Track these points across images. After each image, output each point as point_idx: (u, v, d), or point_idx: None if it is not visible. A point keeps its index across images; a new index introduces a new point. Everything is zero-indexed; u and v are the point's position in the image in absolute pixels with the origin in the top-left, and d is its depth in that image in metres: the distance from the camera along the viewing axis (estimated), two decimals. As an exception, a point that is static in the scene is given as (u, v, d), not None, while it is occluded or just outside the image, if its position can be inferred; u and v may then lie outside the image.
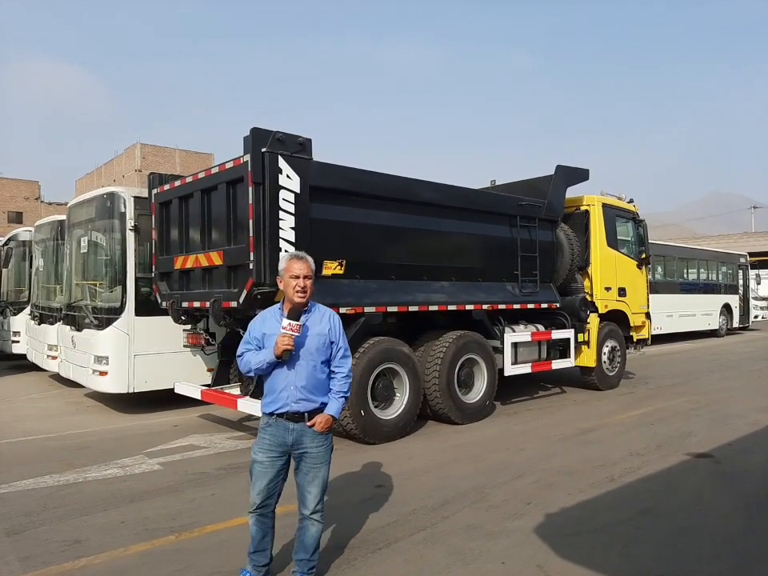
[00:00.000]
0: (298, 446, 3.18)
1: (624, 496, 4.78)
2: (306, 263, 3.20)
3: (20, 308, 12.11)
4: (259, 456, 3.18)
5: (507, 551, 3.77)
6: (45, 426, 7.39)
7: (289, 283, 3.16)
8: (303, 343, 3.14)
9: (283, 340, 3.03)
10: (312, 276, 3.20)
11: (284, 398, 3.15)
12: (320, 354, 3.20)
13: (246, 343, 3.28)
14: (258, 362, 3.14)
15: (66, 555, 3.75)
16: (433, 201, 7.28)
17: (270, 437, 3.18)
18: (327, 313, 3.33)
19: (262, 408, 3.26)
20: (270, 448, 3.17)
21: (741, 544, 3.91)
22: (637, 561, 3.65)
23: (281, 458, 3.19)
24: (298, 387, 3.14)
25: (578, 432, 6.94)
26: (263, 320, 3.28)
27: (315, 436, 3.18)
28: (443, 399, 7.08)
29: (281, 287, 3.23)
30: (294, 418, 3.16)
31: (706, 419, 7.56)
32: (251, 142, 5.70)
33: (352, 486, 5.06)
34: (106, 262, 8.11)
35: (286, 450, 3.18)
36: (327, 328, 3.25)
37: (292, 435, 3.16)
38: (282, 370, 3.15)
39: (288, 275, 3.17)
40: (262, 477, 3.17)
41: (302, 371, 3.16)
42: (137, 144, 45.75)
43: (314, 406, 3.18)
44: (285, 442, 3.16)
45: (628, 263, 10.20)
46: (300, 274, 3.14)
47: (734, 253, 23.29)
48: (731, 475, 5.32)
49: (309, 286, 3.16)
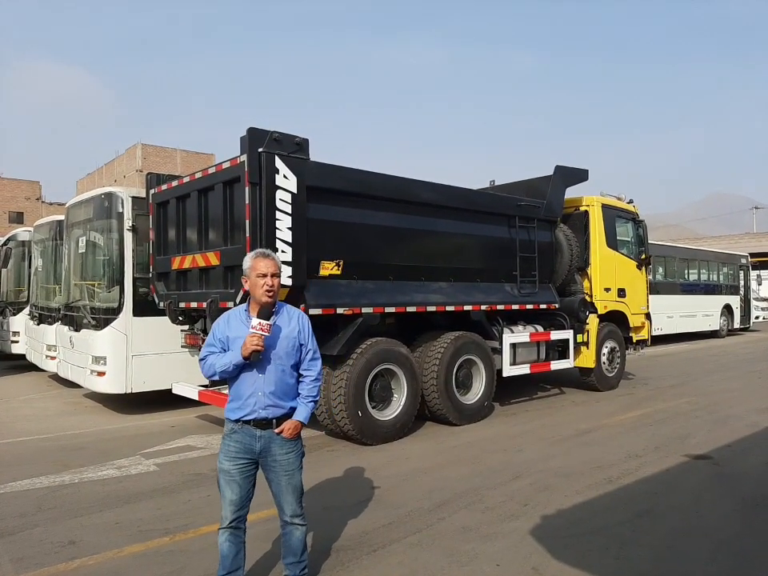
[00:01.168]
0: (266, 453, 3.02)
1: (621, 498, 4.76)
2: (273, 261, 3.03)
3: (19, 308, 12.11)
4: (226, 465, 3.01)
5: (503, 553, 3.75)
6: (42, 426, 7.38)
7: (256, 283, 2.98)
8: (272, 346, 2.98)
9: (252, 340, 2.85)
10: (279, 274, 3.05)
11: (251, 404, 2.98)
12: (289, 358, 3.05)
13: (210, 346, 3.08)
14: (224, 364, 2.95)
15: (59, 556, 3.74)
16: (431, 201, 7.26)
17: (236, 444, 3.01)
18: (296, 314, 3.17)
19: (227, 414, 3.07)
20: (237, 456, 3.00)
21: (738, 546, 3.89)
22: (633, 563, 3.63)
23: (249, 465, 3.03)
24: (266, 393, 2.98)
25: (577, 433, 6.91)
26: (228, 321, 3.09)
27: (284, 443, 3.03)
28: (441, 400, 7.06)
29: (246, 287, 3.06)
30: (261, 425, 3.00)
31: (706, 420, 7.54)
32: (248, 142, 5.68)
33: (348, 487, 5.04)
34: (104, 262, 8.10)
35: (253, 458, 3.03)
36: (297, 330, 3.09)
37: (259, 442, 3.00)
38: (249, 374, 2.99)
39: (254, 274, 2.99)
40: (231, 487, 3.00)
41: (271, 376, 3.00)
42: (138, 144, 45.76)
43: (282, 411, 3.04)
44: (252, 449, 3.00)
45: (628, 264, 10.18)
46: (267, 272, 2.97)
47: (735, 253, 23.26)
48: (730, 477, 5.30)
49: (276, 285, 3.00)
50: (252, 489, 3.08)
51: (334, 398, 6.22)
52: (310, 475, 5.28)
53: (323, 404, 6.35)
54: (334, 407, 6.23)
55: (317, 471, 5.45)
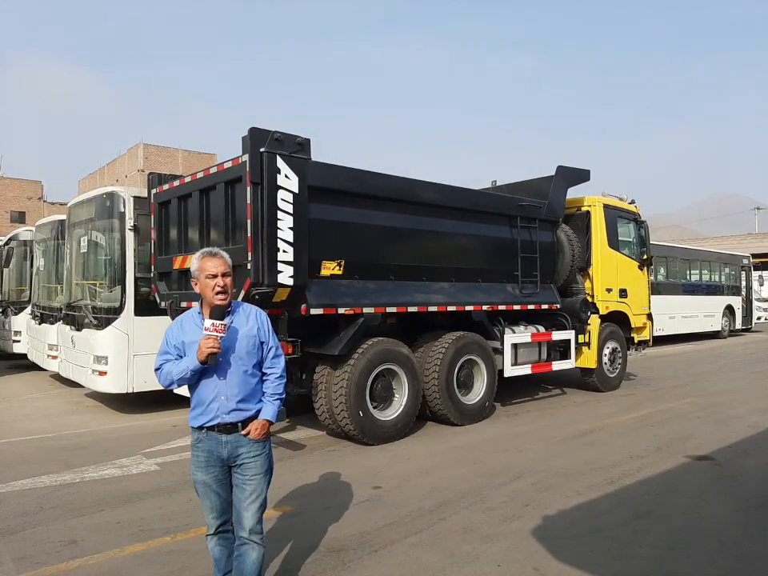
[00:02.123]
0: (235, 457, 2.86)
1: (623, 498, 4.75)
2: (222, 259, 2.86)
3: (21, 307, 12.12)
4: (199, 476, 2.88)
5: (504, 554, 3.74)
6: (43, 425, 7.39)
7: (206, 284, 2.80)
8: (231, 347, 2.83)
9: (207, 342, 2.69)
10: (230, 273, 2.87)
11: (214, 409, 2.82)
12: (251, 357, 2.89)
13: (164, 354, 2.90)
14: (181, 371, 2.78)
15: (60, 556, 3.75)
16: (432, 201, 7.26)
17: (204, 453, 2.86)
18: (253, 311, 3.00)
19: (190, 422, 2.92)
20: (208, 465, 2.86)
21: (739, 547, 3.88)
22: (634, 563, 3.63)
23: (222, 471, 2.89)
24: (229, 397, 2.83)
25: (578, 434, 6.91)
26: (181, 326, 2.92)
27: (252, 445, 2.87)
28: (442, 400, 7.06)
29: (196, 290, 2.88)
30: (226, 430, 2.84)
31: (707, 421, 7.53)
32: (249, 142, 5.68)
33: (349, 487, 5.04)
34: (106, 261, 8.11)
35: (224, 464, 2.88)
36: (255, 328, 2.93)
37: (226, 448, 2.84)
38: (210, 378, 2.82)
39: (203, 275, 2.81)
40: (210, 496, 2.88)
41: (233, 378, 2.84)
42: (140, 144, 45.79)
43: (247, 414, 2.88)
44: (220, 455, 2.85)
45: (629, 264, 10.17)
46: (217, 272, 2.80)
47: (737, 254, 23.22)
48: (731, 478, 5.29)
49: (229, 285, 2.83)
50: (231, 494, 2.94)
51: (335, 397, 6.21)
52: (311, 475, 5.32)
53: (324, 404, 6.35)
54: (335, 407, 6.23)
55: (318, 471, 5.46)
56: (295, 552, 3.77)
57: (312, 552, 3.77)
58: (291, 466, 5.63)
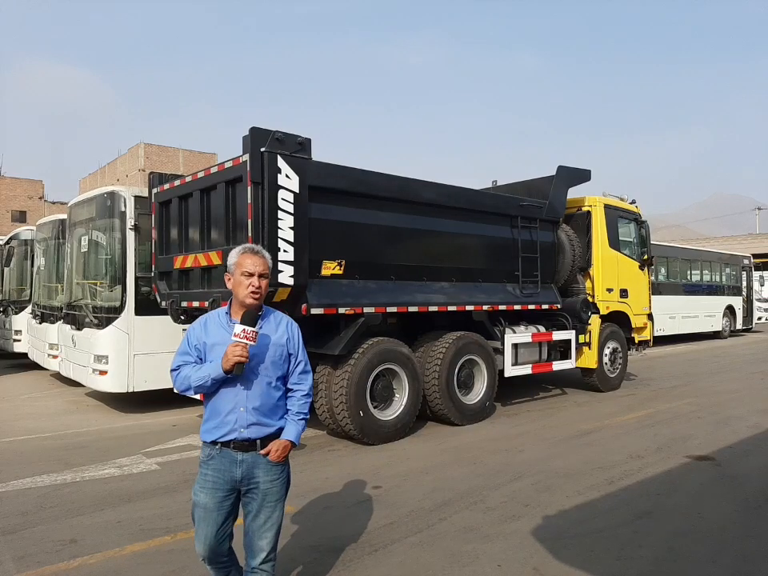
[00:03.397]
0: (249, 480, 2.62)
1: (623, 498, 4.75)
2: (263, 259, 2.67)
3: (22, 307, 12.14)
4: (202, 498, 2.60)
5: (504, 554, 3.74)
6: (44, 424, 7.39)
7: (240, 282, 2.62)
8: (258, 355, 2.60)
9: (235, 350, 2.47)
10: (268, 275, 2.68)
11: (231, 421, 2.58)
12: (276, 369, 2.67)
13: (184, 354, 2.67)
14: (201, 378, 2.55)
15: (60, 555, 3.74)
16: (433, 201, 7.25)
17: (214, 472, 2.60)
18: (284, 320, 2.78)
19: (202, 436, 2.67)
20: (216, 487, 2.59)
21: (739, 547, 3.87)
22: (633, 564, 3.62)
23: (229, 497, 2.63)
24: (249, 409, 2.59)
25: (578, 434, 6.90)
26: (204, 326, 2.69)
27: (270, 468, 2.64)
28: (443, 400, 7.06)
29: (228, 286, 2.71)
30: (243, 447, 2.59)
31: (708, 421, 7.52)
32: (250, 142, 5.68)
33: (349, 486, 5.04)
34: (107, 261, 8.12)
35: (234, 487, 2.62)
36: (285, 338, 2.71)
37: (241, 468, 2.59)
38: (231, 387, 2.59)
39: (240, 272, 2.63)
40: (208, 523, 2.59)
41: (256, 389, 2.60)
42: (140, 144, 45.84)
43: (268, 431, 2.64)
44: (233, 477, 2.59)
45: (630, 264, 10.16)
46: (255, 272, 2.62)
47: (738, 254, 23.22)
48: (731, 478, 5.28)
49: (264, 287, 2.65)
50: (232, 524, 2.69)
51: (335, 397, 6.21)
52: (311, 475, 5.31)
53: (325, 403, 6.35)
54: (335, 407, 6.23)
55: (318, 471, 5.46)
56: (295, 551, 3.77)
57: (312, 551, 3.77)
58: (291, 466, 5.61)
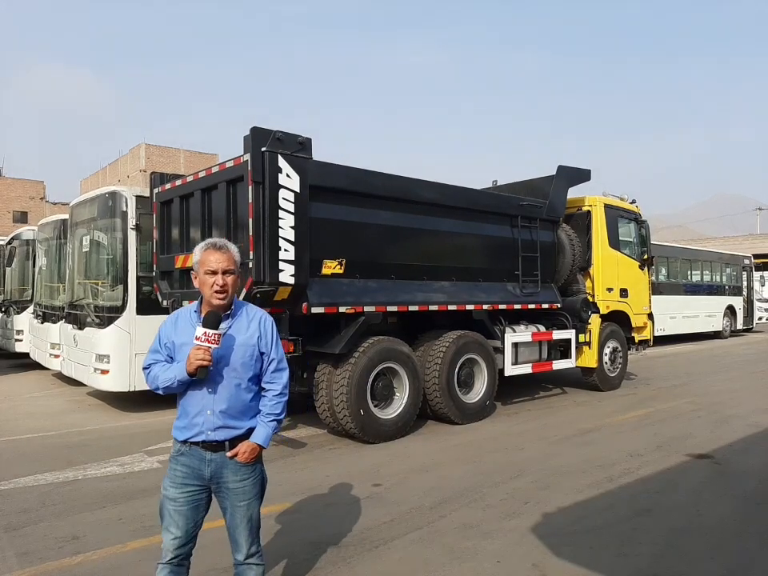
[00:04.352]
0: (218, 479, 2.55)
1: (622, 496, 4.77)
2: (227, 254, 2.51)
3: (23, 307, 12.17)
4: (171, 492, 2.53)
5: (503, 550, 3.76)
6: (46, 423, 7.42)
7: (205, 281, 2.48)
8: (225, 357, 2.48)
9: (197, 354, 2.36)
10: (236, 271, 2.54)
11: (199, 424, 2.50)
12: (246, 370, 2.54)
13: (154, 353, 2.58)
14: (168, 379, 2.46)
15: (63, 551, 3.77)
16: (433, 201, 7.27)
17: (183, 468, 2.54)
18: (258, 316, 2.62)
19: (173, 433, 2.61)
20: (185, 482, 2.53)
21: (738, 545, 3.89)
22: (633, 560, 3.64)
23: (200, 492, 2.56)
24: (216, 412, 2.50)
25: (578, 432, 6.92)
26: (175, 324, 2.59)
27: (238, 468, 2.55)
28: (443, 399, 7.08)
29: (196, 285, 2.57)
30: (212, 447, 2.52)
31: (707, 420, 7.54)
32: (251, 141, 5.71)
33: (349, 484, 5.06)
34: (108, 260, 8.14)
35: (204, 484, 2.56)
36: (257, 336, 2.56)
37: (210, 467, 2.53)
38: (198, 390, 2.50)
39: (203, 270, 2.49)
40: (177, 518, 2.51)
41: (223, 392, 2.50)
42: (141, 144, 45.88)
43: (237, 433, 2.55)
44: (202, 474, 2.53)
45: (630, 264, 10.18)
46: (218, 269, 2.47)
47: (739, 254, 23.22)
48: (731, 476, 5.30)
49: (230, 284, 2.50)
50: (201, 519, 2.61)
51: (336, 396, 6.24)
52: (312, 473, 5.34)
53: (325, 402, 6.38)
54: (336, 405, 6.25)
55: (319, 469, 5.48)
56: (296, 548, 3.79)
57: (312, 548, 3.79)
58: (292, 464, 5.66)
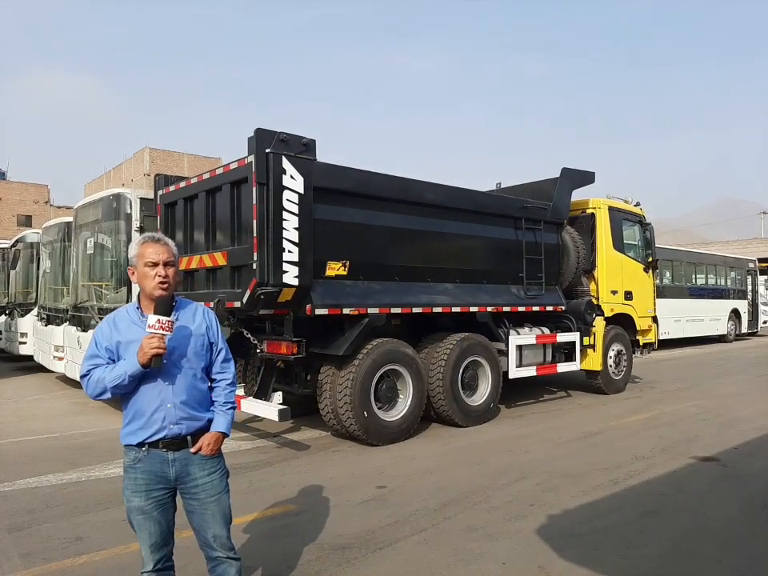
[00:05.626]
0: (185, 478, 2.49)
1: (627, 499, 4.74)
2: (166, 246, 2.49)
3: (27, 309, 12.21)
4: (137, 502, 2.43)
5: (508, 552, 3.74)
6: (49, 425, 7.43)
7: (146, 274, 2.44)
8: (179, 347, 2.47)
9: (152, 342, 2.30)
10: (174, 263, 2.51)
11: (159, 419, 2.42)
12: (199, 360, 2.53)
13: (93, 358, 2.45)
14: (117, 377, 2.35)
15: (66, 552, 3.76)
16: (437, 202, 7.27)
17: (144, 475, 2.43)
18: (200, 308, 2.64)
19: (124, 440, 2.48)
20: (149, 488, 2.43)
21: (744, 548, 3.86)
22: (638, 563, 3.61)
23: (166, 495, 2.49)
24: (177, 404, 2.44)
25: (583, 435, 6.89)
26: (114, 325, 2.48)
27: (205, 462, 2.51)
28: (447, 401, 7.06)
29: (133, 280, 2.54)
30: (173, 445, 2.45)
31: (713, 423, 7.50)
32: (255, 143, 5.71)
33: (354, 486, 5.04)
34: (112, 263, 8.16)
35: (169, 486, 2.48)
36: (204, 326, 2.58)
37: (174, 467, 2.45)
38: (154, 383, 2.43)
39: (143, 263, 2.45)
40: (149, 525, 2.44)
41: (181, 383, 2.46)
42: (145, 148, 46.02)
43: (198, 425, 2.51)
44: (166, 476, 2.45)
45: (634, 267, 10.15)
46: (159, 261, 2.44)
47: (743, 258, 23.14)
48: (737, 479, 5.27)
49: (172, 276, 2.47)
50: (173, 517, 2.55)
51: (339, 398, 6.22)
52: (315, 475, 5.33)
53: (329, 404, 6.36)
54: (339, 407, 6.23)
55: (323, 471, 5.47)
56: (299, 549, 3.77)
57: (316, 549, 3.78)
58: (296, 466, 5.64)
